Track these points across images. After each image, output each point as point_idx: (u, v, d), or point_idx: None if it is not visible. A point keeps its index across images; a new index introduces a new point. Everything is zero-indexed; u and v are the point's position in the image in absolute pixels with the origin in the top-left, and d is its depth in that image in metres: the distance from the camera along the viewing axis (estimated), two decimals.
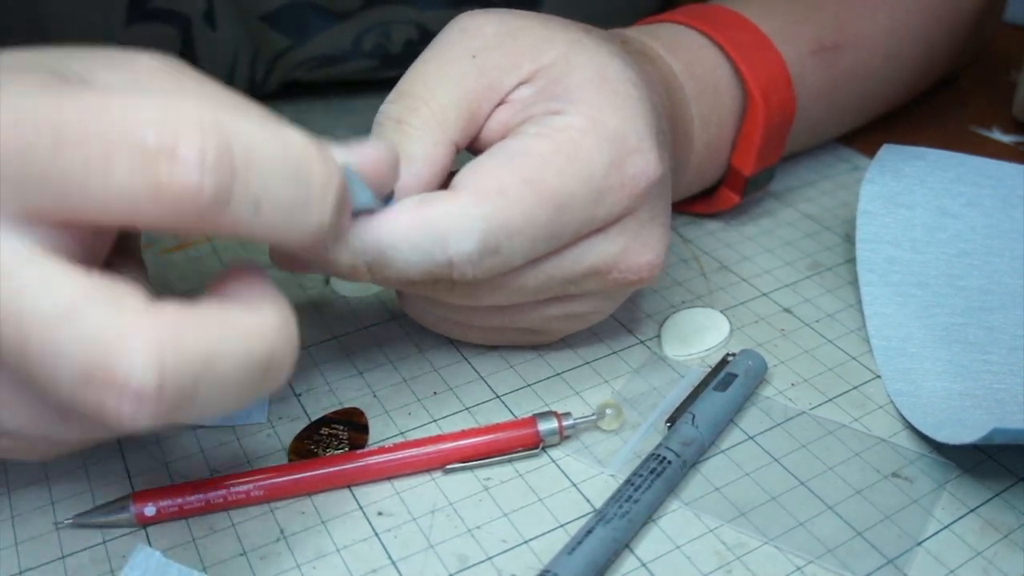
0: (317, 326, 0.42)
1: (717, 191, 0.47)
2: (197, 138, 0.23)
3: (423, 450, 0.34)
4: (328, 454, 0.35)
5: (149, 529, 0.33)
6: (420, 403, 0.38)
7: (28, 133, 0.23)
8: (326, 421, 0.37)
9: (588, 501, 0.34)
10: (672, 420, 0.36)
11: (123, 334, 0.23)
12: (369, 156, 0.30)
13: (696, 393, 0.37)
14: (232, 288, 0.26)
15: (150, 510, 0.32)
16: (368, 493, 0.34)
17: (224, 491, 0.33)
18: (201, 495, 0.33)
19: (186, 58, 0.53)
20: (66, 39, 0.30)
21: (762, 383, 0.39)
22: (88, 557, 0.32)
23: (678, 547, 0.32)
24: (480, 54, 0.34)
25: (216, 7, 0.52)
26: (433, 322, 0.39)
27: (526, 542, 0.32)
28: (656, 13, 0.54)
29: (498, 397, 0.38)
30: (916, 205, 0.44)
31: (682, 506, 0.34)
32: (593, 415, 0.36)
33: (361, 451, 0.35)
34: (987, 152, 0.48)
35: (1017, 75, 0.60)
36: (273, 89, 0.58)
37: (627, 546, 0.32)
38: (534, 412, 0.36)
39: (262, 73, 0.56)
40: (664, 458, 0.34)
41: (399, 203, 0.32)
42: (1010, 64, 0.64)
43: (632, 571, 0.31)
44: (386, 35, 0.55)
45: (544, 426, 0.35)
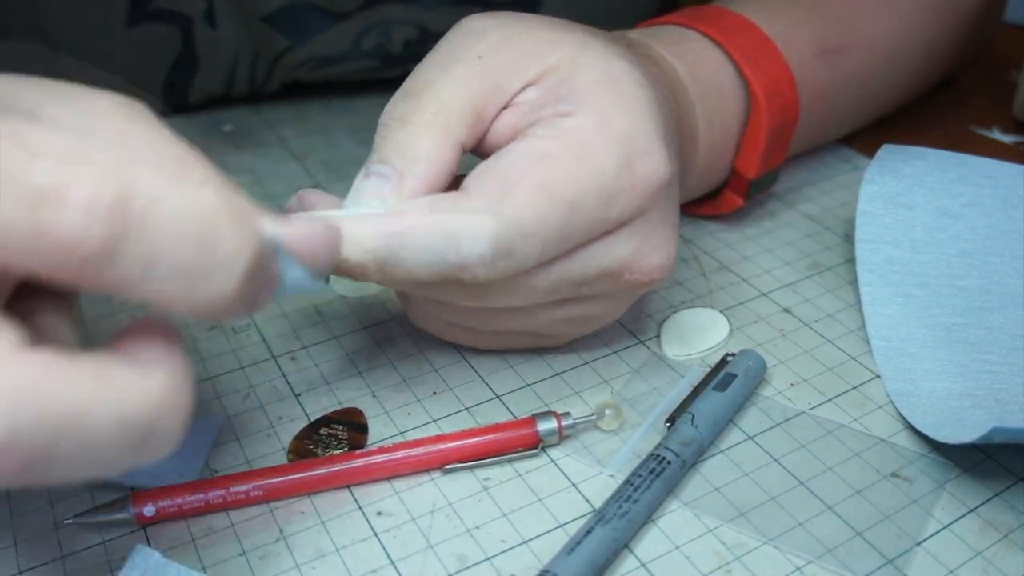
0: (317, 326, 0.42)
1: (721, 194, 0.47)
2: (92, 184, 0.22)
3: (422, 449, 0.34)
4: (328, 454, 0.35)
5: (149, 529, 0.33)
6: (420, 403, 0.38)
7: None
8: (326, 421, 0.37)
9: (587, 501, 0.34)
10: (672, 420, 0.36)
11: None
12: (303, 232, 0.27)
13: (696, 393, 0.37)
14: (131, 344, 0.24)
15: (150, 510, 0.32)
16: (368, 493, 0.34)
17: (224, 491, 0.33)
18: (201, 495, 0.33)
19: (186, 59, 0.54)
20: (66, 40, 0.30)
21: (762, 383, 0.39)
22: (88, 557, 0.32)
23: (677, 547, 0.32)
24: (486, 56, 0.34)
25: (216, 7, 0.52)
26: (441, 329, 0.39)
27: (525, 542, 0.32)
28: (656, 14, 0.54)
29: (498, 397, 0.38)
30: (916, 205, 0.44)
31: (681, 506, 0.34)
32: (592, 415, 0.36)
33: (361, 451, 0.35)
34: (987, 152, 0.48)
35: (1017, 75, 0.60)
36: (274, 89, 0.58)
37: (626, 546, 0.32)
38: (533, 412, 0.36)
39: (263, 74, 0.56)
40: (663, 458, 0.34)
41: (411, 203, 0.32)
42: (1010, 64, 0.64)
43: (631, 571, 0.31)
44: (386, 35, 0.55)
45: (543, 426, 0.35)
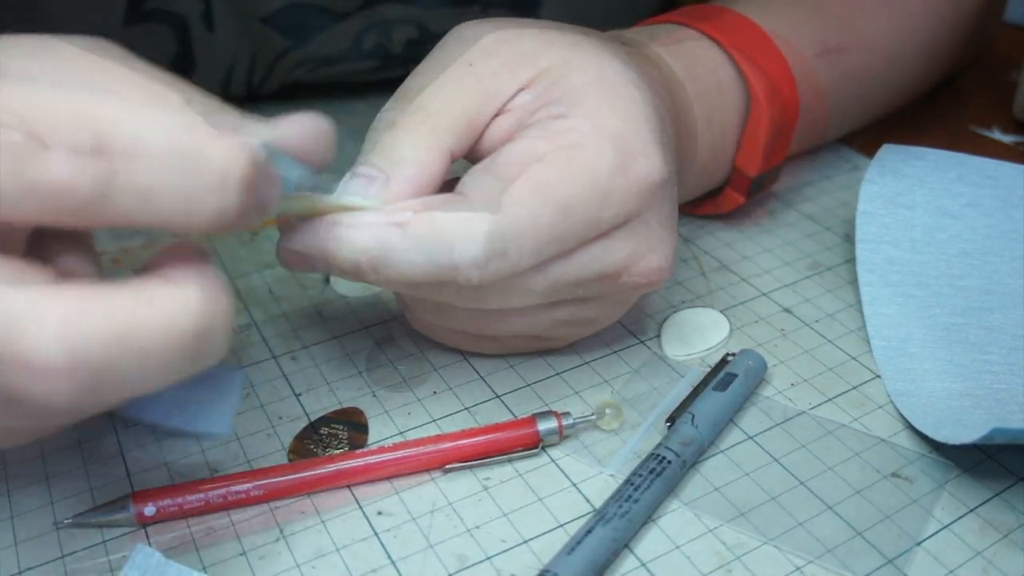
0: (317, 326, 0.42)
1: (722, 192, 0.47)
2: (69, 131, 0.23)
3: (422, 449, 0.34)
4: (328, 454, 0.35)
5: (149, 529, 0.33)
6: (420, 403, 0.38)
7: None
8: (326, 421, 0.37)
9: (588, 501, 0.34)
10: (672, 420, 0.36)
11: (27, 311, 0.23)
12: (293, 130, 0.28)
13: (696, 393, 0.37)
14: (163, 267, 0.26)
15: (150, 510, 0.32)
16: (367, 493, 0.34)
17: (224, 491, 0.33)
18: (201, 495, 0.33)
19: (184, 60, 0.53)
20: None
21: (762, 383, 0.39)
22: (88, 557, 0.32)
23: (678, 547, 0.32)
24: (477, 62, 0.34)
25: (214, 8, 0.52)
26: (442, 335, 0.39)
27: (525, 542, 0.32)
28: (656, 14, 0.54)
29: (498, 397, 0.38)
30: (916, 205, 0.44)
31: (682, 506, 0.34)
32: (592, 415, 0.36)
33: (361, 451, 0.35)
34: (987, 152, 0.48)
35: (1017, 75, 0.60)
36: (273, 91, 0.58)
37: (627, 546, 0.32)
38: (533, 412, 0.36)
39: (261, 75, 0.56)
40: (664, 458, 0.34)
41: (403, 203, 0.32)
42: (1010, 64, 0.64)
43: (632, 571, 0.31)
44: (386, 35, 0.55)
45: (543, 426, 0.35)
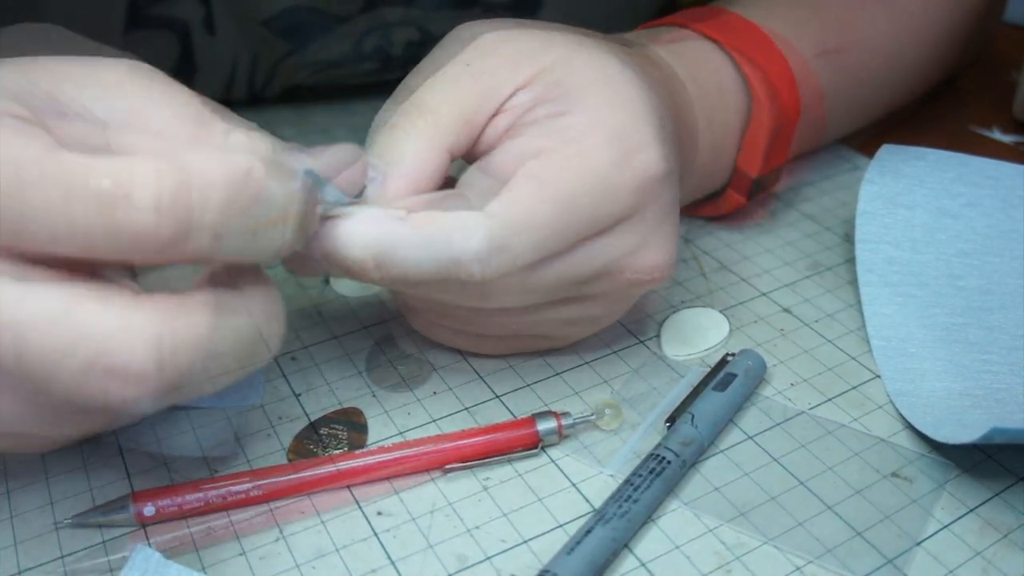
0: (317, 326, 0.42)
1: (723, 193, 0.47)
2: (152, 181, 0.25)
3: (422, 449, 0.34)
4: (328, 454, 0.35)
5: (149, 529, 0.33)
6: (420, 403, 0.38)
7: None
8: (326, 421, 0.37)
9: (587, 501, 0.34)
10: (671, 420, 0.36)
11: (119, 325, 0.25)
12: (334, 160, 0.31)
13: (696, 393, 0.37)
14: (220, 277, 0.28)
15: (150, 510, 0.32)
16: (367, 493, 0.34)
17: (224, 491, 0.33)
18: (201, 495, 0.33)
19: (185, 65, 0.53)
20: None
21: (762, 383, 0.39)
22: (88, 557, 0.32)
23: (677, 547, 0.32)
24: (475, 61, 0.34)
25: (215, 12, 0.52)
26: (445, 336, 0.39)
27: (525, 542, 0.32)
28: (657, 14, 0.54)
29: (497, 397, 0.38)
30: (916, 205, 0.44)
31: (681, 506, 0.34)
32: (592, 415, 0.36)
33: (361, 451, 0.35)
34: (987, 152, 0.48)
35: (1017, 75, 0.60)
36: (274, 94, 0.58)
37: (626, 546, 0.32)
38: (533, 412, 0.36)
39: (262, 79, 0.56)
40: (663, 458, 0.34)
41: (405, 201, 0.32)
42: (1010, 64, 0.64)
43: (631, 571, 0.31)
44: (386, 37, 0.55)
45: (543, 426, 0.35)
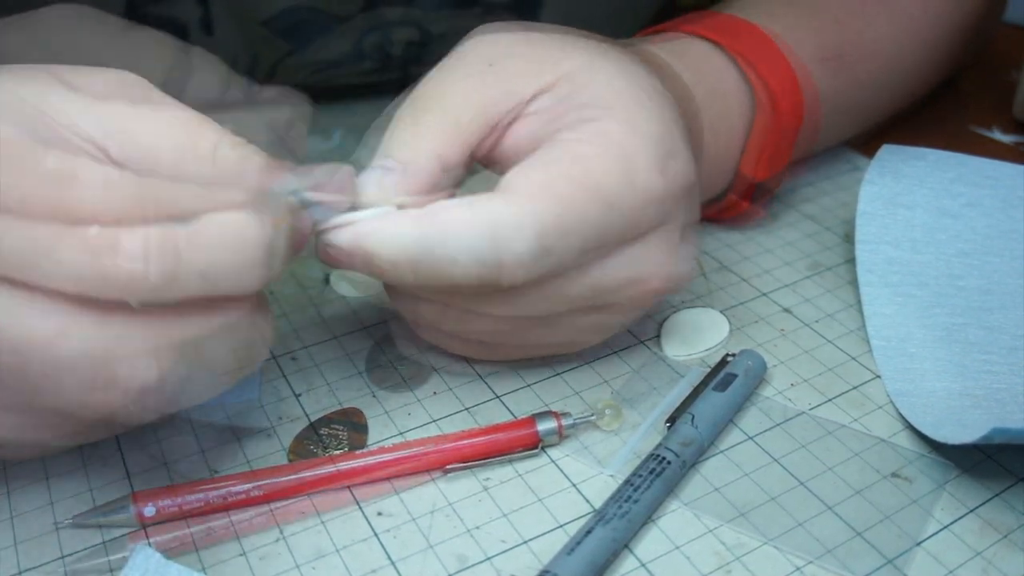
0: (317, 326, 0.42)
1: (725, 197, 0.47)
2: (139, 230, 0.25)
3: (422, 449, 0.34)
4: (328, 454, 0.35)
5: (149, 529, 0.33)
6: (420, 403, 0.38)
7: None
8: (326, 421, 0.37)
9: (587, 501, 0.34)
10: (672, 420, 0.36)
11: (118, 340, 0.26)
12: (322, 179, 0.31)
13: (696, 393, 0.37)
14: None
15: (150, 510, 0.32)
16: (367, 493, 0.34)
17: (224, 491, 0.33)
18: (201, 495, 0.33)
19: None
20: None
21: (762, 383, 0.39)
22: (88, 557, 0.32)
23: (677, 547, 0.32)
24: (497, 62, 0.34)
25: (213, 13, 0.52)
26: (458, 346, 0.38)
27: (525, 542, 0.32)
28: (656, 14, 0.54)
29: (498, 397, 0.38)
30: (916, 206, 0.44)
31: (681, 506, 0.34)
32: (592, 415, 0.36)
33: (361, 451, 0.35)
34: (987, 152, 0.48)
35: (1017, 75, 0.60)
36: None
37: (626, 546, 0.32)
38: (533, 412, 0.36)
39: (260, 80, 0.56)
40: (663, 458, 0.34)
41: (447, 202, 0.31)
42: (1010, 64, 0.64)
43: (631, 571, 0.31)
44: (386, 37, 0.55)
45: (543, 426, 0.35)
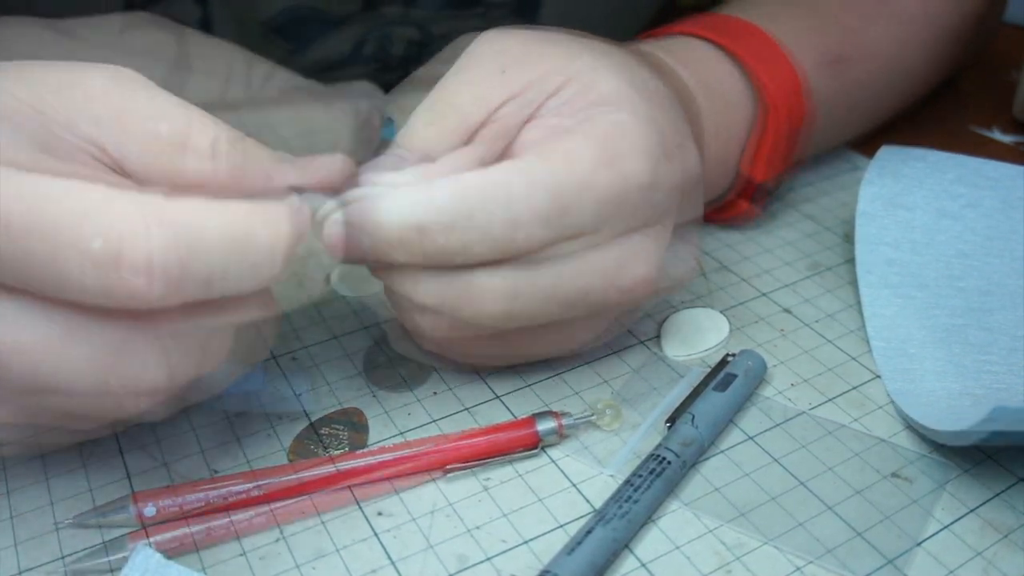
0: (317, 326, 0.42)
1: (726, 198, 0.47)
2: (142, 243, 0.25)
3: (422, 449, 0.34)
4: (328, 454, 0.35)
5: (149, 529, 0.33)
6: (420, 403, 0.38)
7: None
8: (326, 421, 0.37)
9: (588, 501, 0.34)
10: (672, 420, 0.36)
11: (127, 340, 0.26)
12: (321, 171, 0.31)
13: (696, 393, 0.37)
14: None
15: (150, 510, 0.32)
16: (368, 493, 0.34)
17: (224, 491, 0.33)
18: (201, 495, 0.33)
19: (181, 66, 0.53)
20: None
21: (762, 383, 0.39)
22: (88, 557, 0.31)
23: (678, 547, 0.32)
24: (509, 69, 0.34)
25: (212, 13, 0.52)
26: (463, 356, 0.38)
27: (526, 542, 0.32)
28: (656, 14, 0.54)
29: (498, 397, 0.38)
30: (915, 206, 0.44)
31: (682, 506, 0.34)
32: (591, 414, 0.36)
33: (361, 451, 0.35)
34: (987, 152, 0.48)
35: (1017, 75, 0.60)
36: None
37: (627, 546, 0.32)
38: (533, 412, 0.36)
39: (259, 80, 0.56)
40: (664, 458, 0.34)
41: (465, 173, 0.32)
42: (1010, 64, 0.64)
43: (632, 571, 0.31)
44: (387, 37, 0.55)
45: (543, 426, 0.35)
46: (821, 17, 0.49)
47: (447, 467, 0.34)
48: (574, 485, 0.34)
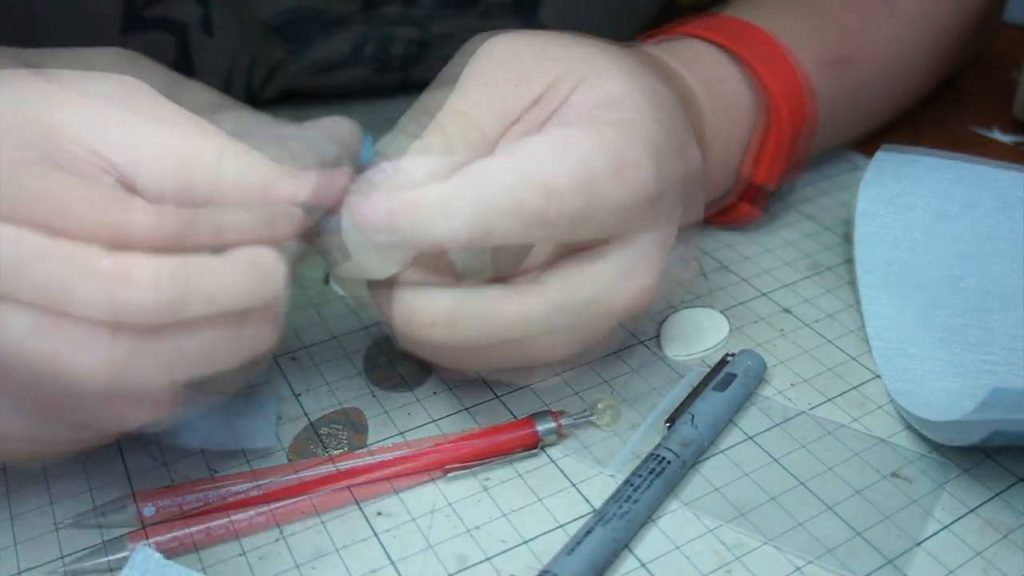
0: (317, 326, 0.42)
1: (727, 199, 0.47)
2: (151, 260, 0.25)
3: (421, 449, 0.34)
4: (328, 454, 0.35)
5: (149, 529, 0.32)
6: (420, 403, 0.38)
7: None
8: (326, 421, 0.37)
9: (587, 501, 0.34)
10: (671, 420, 0.36)
11: (132, 354, 0.26)
12: (328, 133, 0.32)
13: (695, 393, 0.37)
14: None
15: (150, 510, 0.32)
16: (367, 493, 0.34)
17: (224, 491, 0.33)
18: (201, 495, 0.33)
19: (182, 66, 0.53)
20: (60, 46, 0.31)
21: (761, 383, 0.39)
22: (88, 557, 0.31)
23: (677, 547, 0.32)
24: (522, 81, 0.34)
25: (213, 14, 0.52)
26: (445, 359, 0.38)
27: (525, 542, 0.32)
28: (656, 14, 0.54)
29: (497, 397, 0.38)
30: (915, 206, 0.45)
31: (681, 506, 0.34)
32: (590, 414, 0.36)
33: (361, 451, 0.35)
34: (987, 152, 0.48)
35: (1017, 75, 0.60)
36: (272, 96, 0.58)
37: (626, 546, 0.32)
38: (533, 412, 0.36)
39: (260, 81, 0.56)
40: (663, 458, 0.34)
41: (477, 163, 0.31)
42: (1010, 64, 0.64)
43: (631, 571, 0.31)
44: (387, 37, 0.55)
45: (542, 426, 0.35)
46: (821, 18, 0.49)
47: (447, 467, 0.34)
48: (574, 485, 0.34)
